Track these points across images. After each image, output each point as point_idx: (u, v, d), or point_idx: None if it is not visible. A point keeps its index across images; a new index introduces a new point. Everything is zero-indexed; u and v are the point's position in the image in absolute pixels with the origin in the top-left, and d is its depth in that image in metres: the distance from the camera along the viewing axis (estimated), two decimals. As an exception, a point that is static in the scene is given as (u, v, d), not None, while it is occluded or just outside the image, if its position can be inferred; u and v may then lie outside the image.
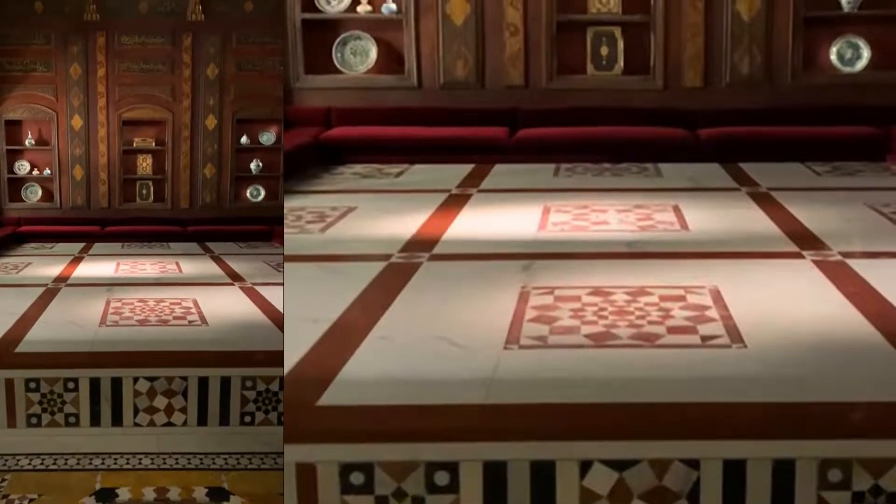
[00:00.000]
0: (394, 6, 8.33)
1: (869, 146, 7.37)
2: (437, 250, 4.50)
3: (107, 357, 4.69)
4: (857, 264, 4.09)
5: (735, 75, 8.19)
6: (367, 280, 3.94)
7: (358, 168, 7.38)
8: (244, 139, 11.48)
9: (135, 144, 11.61)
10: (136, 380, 4.50)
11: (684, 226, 5.03)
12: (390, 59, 8.47)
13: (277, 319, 5.32)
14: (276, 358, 3.73)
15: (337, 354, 3.05)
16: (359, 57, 8.49)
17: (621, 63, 8.34)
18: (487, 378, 2.85)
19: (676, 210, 5.40)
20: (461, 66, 8.27)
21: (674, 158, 7.37)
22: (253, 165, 11.53)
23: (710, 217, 5.27)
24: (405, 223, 5.10)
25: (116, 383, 4.49)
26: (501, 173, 7.05)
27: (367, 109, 8.24)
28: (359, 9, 8.40)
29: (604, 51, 8.35)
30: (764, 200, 5.72)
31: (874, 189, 6.12)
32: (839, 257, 4.23)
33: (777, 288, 3.83)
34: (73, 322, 5.45)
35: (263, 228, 10.68)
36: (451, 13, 8.23)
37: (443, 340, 3.19)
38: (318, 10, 8.44)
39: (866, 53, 8.17)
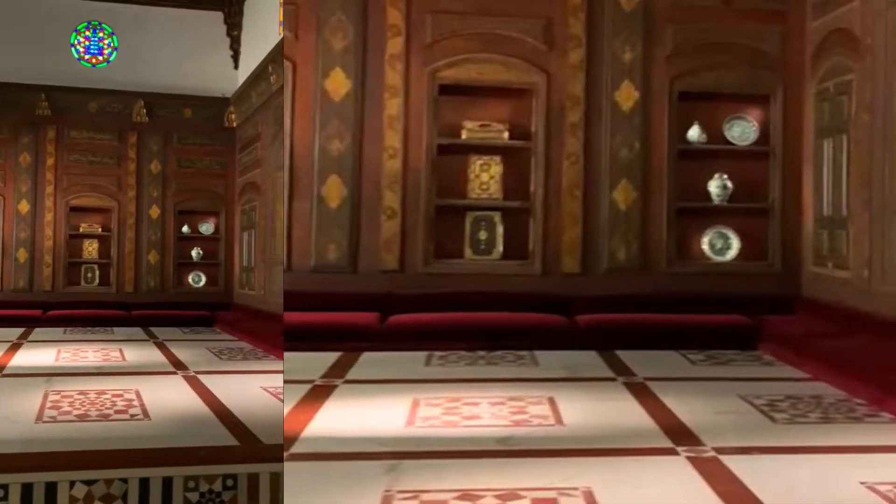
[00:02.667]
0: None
1: (740, 335, 7.46)
2: (295, 449, 4.22)
3: (42, 458, 4.34)
4: (730, 461, 4.01)
5: (612, 262, 8.27)
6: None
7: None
8: (185, 228, 12.71)
9: (81, 230, 12.38)
10: (72, 484, 4.15)
11: (559, 420, 4.87)
12: (264, 242, 8.36)
13: (219, 411, 5.37)
14: (218, 454, 3.81)
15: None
16: (232, 238, 8.34)
17: (500, 248, 8.34)
18: None
19: (551, 402, 5.26)
20: (333, 249, 8.10)
21: (551, 345, 7.30)
22: (194, 253, 12.63)
23: (585, 410, 5.13)
24: (264, 418, 4.84)
25: (51, 489, 4.13)
26: (370, 362, 6.75)
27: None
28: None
29: (482, 235, 8.35)
30: (640, 391, 5.65)
31: (747, 380, 6.12)
32: (713, 453, 4.15)
33: (651, 488, 3.70)
34: (7, 418, 5.18)
35: (205, 314, 11.52)
36: (327, 196, 8.13)
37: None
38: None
39: (735, 244, 8.41)
